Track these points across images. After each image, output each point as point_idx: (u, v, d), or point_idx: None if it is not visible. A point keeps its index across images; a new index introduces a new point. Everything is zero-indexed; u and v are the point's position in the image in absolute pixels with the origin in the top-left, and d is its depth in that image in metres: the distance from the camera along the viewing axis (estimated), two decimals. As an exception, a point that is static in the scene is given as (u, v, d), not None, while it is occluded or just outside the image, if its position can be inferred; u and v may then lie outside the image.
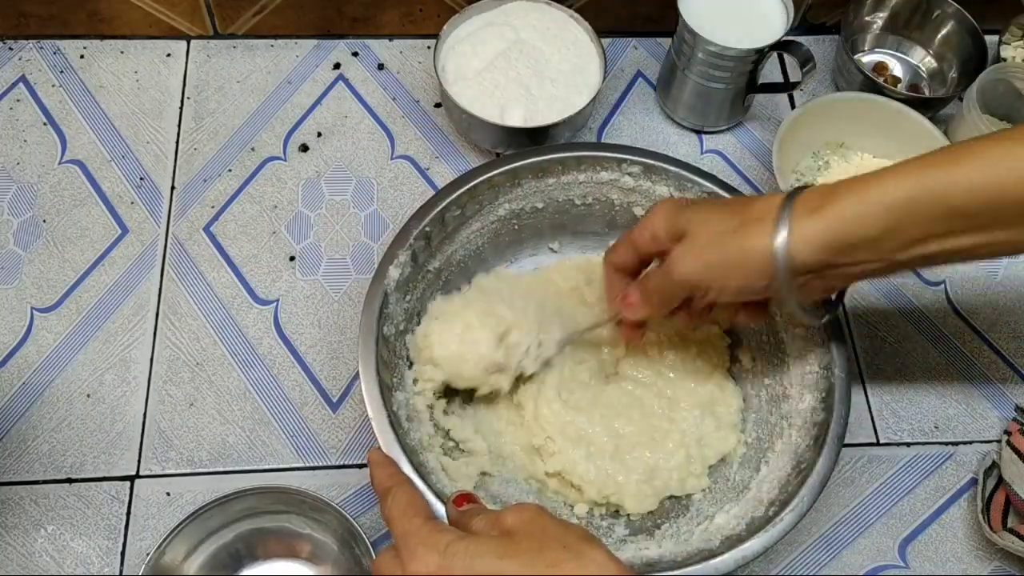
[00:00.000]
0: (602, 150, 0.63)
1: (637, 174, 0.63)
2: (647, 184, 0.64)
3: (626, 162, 0.63)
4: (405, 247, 0.59)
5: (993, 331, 0.69)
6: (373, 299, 0.57)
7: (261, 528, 0.56)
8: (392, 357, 0.58)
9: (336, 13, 0.76)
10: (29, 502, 0.58)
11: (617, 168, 0.63)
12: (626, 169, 0.63)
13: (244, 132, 0.73)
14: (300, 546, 0.56)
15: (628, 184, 0.64)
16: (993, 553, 0.60)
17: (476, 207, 0.63)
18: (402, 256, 0.58)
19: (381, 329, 0.56)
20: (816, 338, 0.57)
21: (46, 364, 0.63)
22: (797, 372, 0.59)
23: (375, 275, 0.58)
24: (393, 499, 0.44)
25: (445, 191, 0.61)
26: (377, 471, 0.48)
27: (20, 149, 0.71)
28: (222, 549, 0.56)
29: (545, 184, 0.64)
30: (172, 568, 0.54)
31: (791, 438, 0.57)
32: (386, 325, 0.57)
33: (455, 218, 0.62)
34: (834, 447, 0.54)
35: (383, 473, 0.48)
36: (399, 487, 0.45)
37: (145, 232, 0.68)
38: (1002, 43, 0.76)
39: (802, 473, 0.53)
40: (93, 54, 0.76)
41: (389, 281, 0.58)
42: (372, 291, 0.57)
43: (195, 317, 0.65)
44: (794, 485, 0.53)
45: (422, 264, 0.61)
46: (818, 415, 0.56)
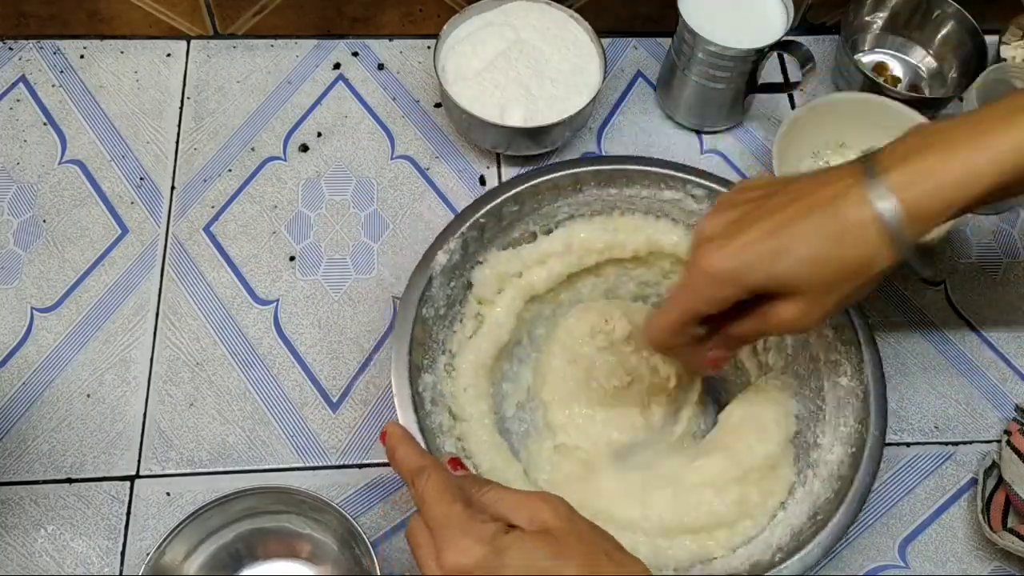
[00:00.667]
0: (669, 168, 0.62)
1: (701, 197, 0.62)
2: (709, 209, 0.62)
3: (691, 183, 0.62)
4: (457, 235, 0.59)
5: (993, 331, 0.69)
6: (417, 280, 0.57)
7: (261, 528, 0.56)
8: (427, 340, 0.58)
9: (336, 13, 0.76)
10: (29, 502, 0.58)
11: (681, 188, 0.62)
12: (690, 191, 0.62)
13: (244, 132, 0.73)
14: (300, 546, 0.56)
15: (690, 206, 0.63)
16: (993, 553, 0.60)
17: (535, 206, 0.62)
18: (453, 243, 0.59)
19: (421, 310, 0.57)
20: (856, 391, 0.57)
21: (46, 364, 0.63)
22: (832, 423, 0.58)
23: (423, 258, 0.58)
24: (428, 479, 0.43)
25: (506, 186, 0.61)
26: (403, 448, 0.46)
27: (20, 149, 0.71)
28: (222, 549, 0.55)
29: (607, 193, 0.63)
30: (172, 568, 0.54)
31: (813, 487, 0.56)
32: (426, 307, 0.57)
33: (512, 213, 0.62)
34: (855, 503, 0.52)
35: (411, 451, 0.46)
36: (432, 468, 0.44)
37: (145, 232, 0.68)
38: (1002, 43, 0.76)
39: (816, 524, 0.53)
40: (93, 54, 0.76)
41: (436, 265, 0.58)
42: (417, 273, 0.58)
43: (195, 317, 0.65)
44: (807, 535, 0.52)
45: (472, 254, 0.61)
46: (844, 469, 0.55)
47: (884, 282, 0.69)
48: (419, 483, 0.43)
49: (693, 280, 0.49)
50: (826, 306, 0.47)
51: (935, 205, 0.44)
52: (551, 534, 0.40)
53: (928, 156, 0.45)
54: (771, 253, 0.46)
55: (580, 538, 0.40)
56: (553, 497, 0.42)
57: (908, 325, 0.68)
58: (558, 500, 0.42)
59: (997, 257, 0.72)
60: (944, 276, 0.71)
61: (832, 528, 0.52)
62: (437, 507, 0.41)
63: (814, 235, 0.46)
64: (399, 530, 0.59)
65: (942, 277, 0.71)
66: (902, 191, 0.44)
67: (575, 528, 0.41)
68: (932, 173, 0.44)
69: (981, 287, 0.71)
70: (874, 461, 0.54)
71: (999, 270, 0.72)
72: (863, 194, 0.45)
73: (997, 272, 0.71)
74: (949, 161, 0.44)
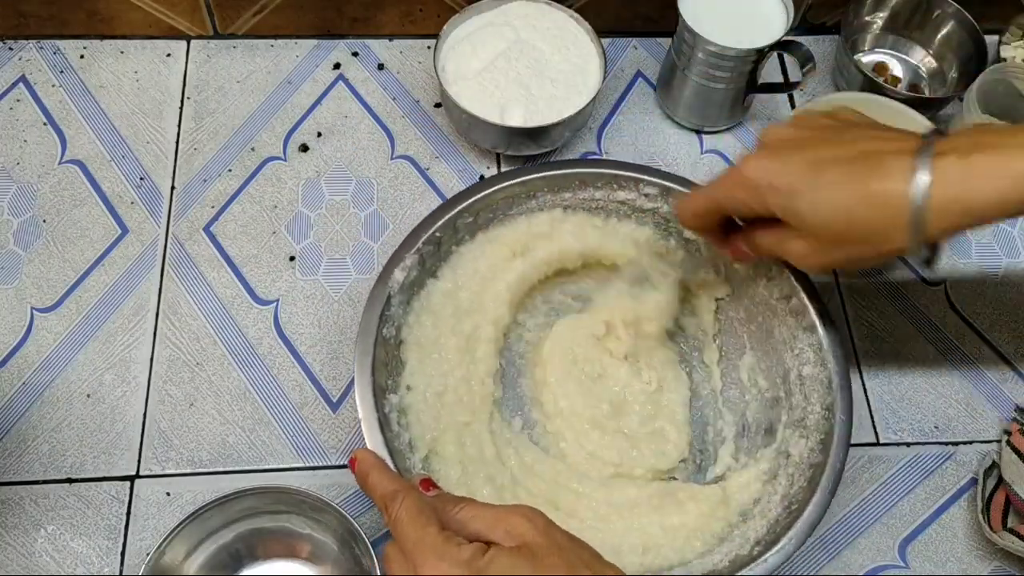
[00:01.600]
0: (621, 168, 0.63)
1: (654, 195, 0.62)
2: (665, 207, 0.63)
3: (643, 182, 0.62)
4: (413, 251, 0.59)
5: (993, 331, 0.69)
6: (375, 300, 0.57)
7: (261, 528, 0.56)
8: (390, 359, 0.58)
9: (336, 13, 0.76)
10: (29, 502, 0.58)
11: (635, 188, 0.63)
12: (643, 190, 0.63)
13: (244, 132, 0.73)
14: (300, 546, 0.56)
15: (645, 205, 0.63)
16: (993, 553, 0.60)
17: (489, 216, 0.62)
18: (409, 260, 0.58)
19: (381, 331, 0.56)
20: (820, 377, 0.57)
21: (46, 364, 0.63)
22: (799, 410, 0.58)
23: (380, 276, 0.58)
24: (402, 504, 0.43)
25: (458, 198, 0.61)
26: (375, 475, 0.46)
27: (20, 149, 0.71)
28: (222, 549, 0.55)
29: (561, 199, 0.63)
30: (172, 568, 0.54)
31: (785, 478, 0.56)
32: (386, 327, 0.57)
33: (467, 225, 0.62)
34: (828, 490, 0.53)
35: (383, 477, 0.46)
36: (405, 492, 0.44)
37: (145, 232, 0.68)
38: (1002, 43, 0.76)
39: (792, 514, 0.53)
40: (93, 54, 0.76)
41: (393, 283, 0.57)
42: (375, 292, 0.57)
43: (195, 317, 0.65)
44: (783, 526, 0.53)
45: (429, 269, 0.61)
46: (815, 457, 0.55)
47: (884, 282, 0.70)
48: (392, 508, 0.43)
49: (727, 176, 0.51)
50: (831, 257, 0.48)
51: (971, 208, 0.43)
52: (529, 549, 0.40)
53: (989, 156, 0.43)
54: (797, 186, 0.46)
55: (559, 551, 0.40)
56: (529, 510, 0.42)
57: (908, 325, 0.68)
58: (534, 513, 0.42)
59: (997, 257, 0.72)
60: (943, 276, 0.71)
61: (806, 518, 0.52)
62: (412, 531, 0.41)
63: (843, 185, 0.45)
64: (399, 530, 0.59)
65: (942, 277, 0.71)
66: (944, 181, 0.43)
67: (553, 541, 0.41)
68: (983, 176, 0.43)
69: (981, 287, 0.71)
70: (843, 447, 0.54)
71: (999, 270, 0.72)
72: (909, 165, 0.43)
73: (997, 272, 0.71)
74: (1003, 170, 0.42)
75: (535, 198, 0.63)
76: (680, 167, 0.73)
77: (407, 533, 0.42)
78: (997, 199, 0.42)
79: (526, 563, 0.39)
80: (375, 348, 0.55)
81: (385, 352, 0.57)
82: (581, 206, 0.64)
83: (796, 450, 0.57)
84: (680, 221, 0.56)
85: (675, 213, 0.55)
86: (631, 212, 0.64)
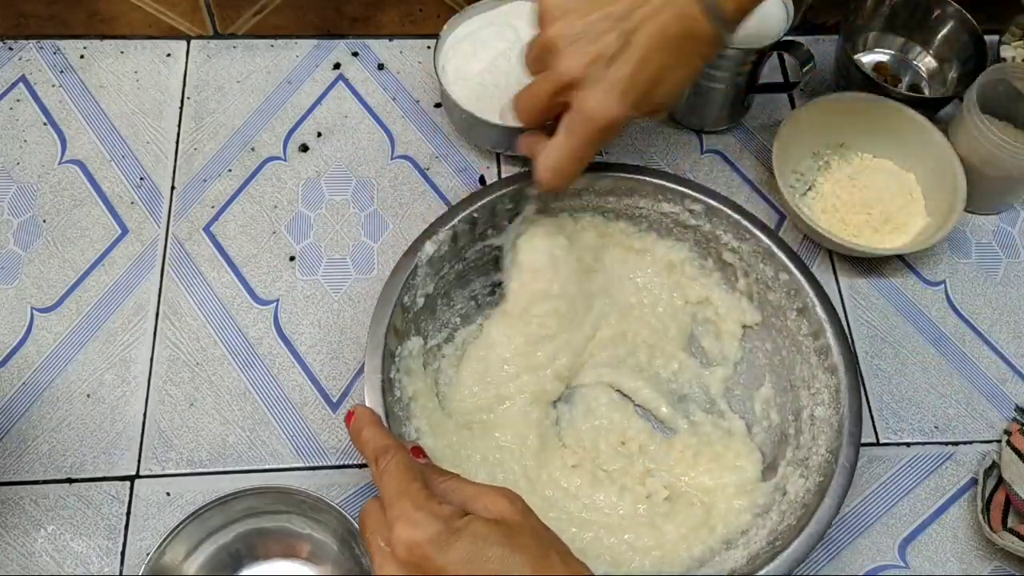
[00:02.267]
0: (670, 181, 0.63)
1: (699, 213, 0.63)
2: (707, 226, 0.63)
3: (689, 198, 0.62)
4: (448, 226, 0.59)
5: (993, 331, 0.69)
6: (402, 268, 0.58)
7: (261, 528, 0.56)
8: (405, 327, 0.58)
9: (336, 13, 0.76)
10: (29, 502, 0.58)
11: (680, 203, 0.63)
12: (688, 206, 0.63)
13: (244, 132, 0.73)
14: (300, 546, 0.56)
15: (689, 221, 0.63)
16: (993, 553, 0.60)
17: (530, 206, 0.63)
18: (442, 234, 0.59)
19: (402, 298, 0.57)
20: (831, 420, 0.57)
21: (46, 364, 0.63)
22: (804, 449, 0.58)
23: (410, 247, 0.59)
24: (393, 459, 0.44)
25: (503, 183, 0.61)
26: (369, 430, 0.47)
27: (20, 149, 0.71)
28: (222, 549, 0.56)
29: (605, 202, 0.64)
30: (172, 568, 0.54)
31: (776, 514, 0.56)
32: (407, 295, 0.57)
33: (507, 211, 0.62)
34: (815, 534, 0.52)
35: (377, 433, 0.47)
36: (397, 450, 0.45)
37: (145, 232, 0.68)
38: (1002, 43, 0.76)
39: (775, 550, 0.53)
40: (93, 54, 0.76)
41: (423, 255, 0.58)
42: (403, 261, 0.58)
43: (195, 317, 0.65)
44: (763, 560, 0.52)
45: (461, 248, 0.61)
46: (810, 497, 0.55)
47: (884, 282, 0.70)
48: (382, 461, 0.44)
49: (581, 126, 0.53)
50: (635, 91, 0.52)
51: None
52: (507, 524, 0.40)
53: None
54: (649, 91, 0.52)
55: (534, 534, 0.41)
56: (511, 492, 0.43)
57: (908, 325, 0.68)
58: (515, 496, 0.42)
59: (997, 257, 0.72)
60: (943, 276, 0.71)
61: (785, 558, 0.51)
62: (396, 484, 0.42)
63: (672, 55, 0.51)
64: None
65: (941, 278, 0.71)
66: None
67: (530, 523, 0.41)
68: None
69: (981, 287, 0.71)
70: (839, 493, 0.53)
71: (999, 270, 0.72)
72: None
73: (997, 272, 0.71)
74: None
75: (580, 197, 0.63)
76: (680, 167, 0.73)
77: (391, 485, 0.42)
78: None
79: (501, 535, 0.39)
80: (392, 312, 0.56)
81: (403, 320, 0.57)
82: (625, 212, 0.64)
83: (793, 488, 0.56)
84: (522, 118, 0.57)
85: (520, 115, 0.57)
86: (673, 226, 0.64)
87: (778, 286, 0.62)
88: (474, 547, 0.39)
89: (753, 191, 0.73)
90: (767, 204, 0.72)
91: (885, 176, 0.72)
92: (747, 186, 0.73)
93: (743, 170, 0.74)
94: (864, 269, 0.70)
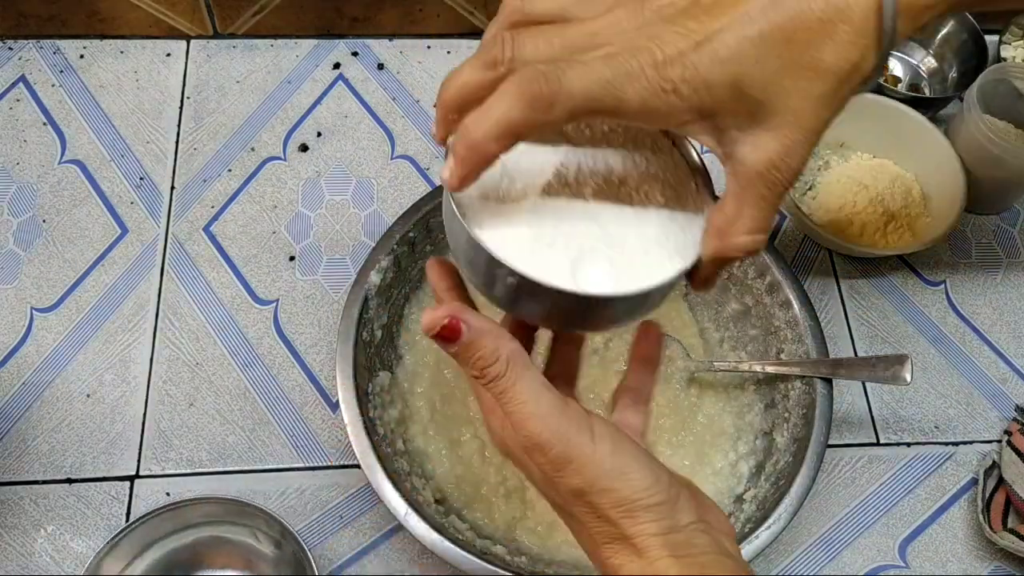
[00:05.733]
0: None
1: None
2: None
3: None
4: (388, 252, 0.59)
5: (993, 331, 0.69)
6: (353, 304, 0.57)
7: (205, 538, 0.55)
8: (370, 363, 0.58)
9: (336, 13, 0.76)
10: (29, 502, 0.58)
11: None
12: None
13: (244, 132, 0.73)
14: (239, 555, 0.56)
15: None
16: (993, 553, 0.60)
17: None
18: (384, 261, 0.59)
19: (360, 334, 0.56)
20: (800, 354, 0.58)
21: (46, 364, 0.63)
22: (783, 427, 0.59)
23: (355, 280, 0.58)
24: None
25: (431, 196, 0.61)
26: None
27: (20, 149, 0.71)
28: (165, 557, 0.55)
29: None
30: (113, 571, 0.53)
31: (760, 491, 0.57)
32: (365, 330, 0.57)
33: (440, 224, 0.62)
34: (793, 505, 0.53)
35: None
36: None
37: (145, 232, 0.68)
38: (1002, 43, 0.76)
39: (780, 491, 0.54)
40: (93, 54, 0.76)
41: (370, 286, 0.58)
42: (352, 296, 0.58)
43: (195, 317, 0.65)
44: (771, 503, 0.54)
45: (405, 269, 0.61)
46: (799, 431, 0.56)
47: (884, 282, 0.70)
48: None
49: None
50: (819, 123, 0.36)
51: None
52: None
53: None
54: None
55: None
56: None
57: (908, 325, 0.68)
58: None
59: (997, 257, 0.72)
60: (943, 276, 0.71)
61: (753, 543, 0.52)
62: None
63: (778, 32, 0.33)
64: (401, 529, 0.59)
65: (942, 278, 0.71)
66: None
67: None
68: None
69: (981, 287, 0.71)
70: (814, 461, 0.55)
71: (999, 270, 0.72)
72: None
73: (997, 272, 0.71)
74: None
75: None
76: (680, 167, 0.73)
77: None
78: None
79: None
80: (356, 351, 0.56)
81: (366, 356, 0.57)
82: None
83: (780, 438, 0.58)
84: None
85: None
86: None
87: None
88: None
89: (753, 191, 0.73)
90: (767, 204, 0.72)
91: (885, 176, 0.72)
92: (747, 186, 0.73)
93: (743, 170, 0.74)
94: (864, 269, 0.70)
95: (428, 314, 0.36)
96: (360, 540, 0.58)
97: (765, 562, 0.59)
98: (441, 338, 0.36)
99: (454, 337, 0.36)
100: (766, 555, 0.58)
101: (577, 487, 0.36)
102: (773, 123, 0.34)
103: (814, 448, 0.55)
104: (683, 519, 0.37)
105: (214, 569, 0.56)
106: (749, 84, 0.33)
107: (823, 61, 0.33)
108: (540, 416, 0.36)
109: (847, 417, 0.64)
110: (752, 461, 0.59)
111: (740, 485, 0.58)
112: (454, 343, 0.36)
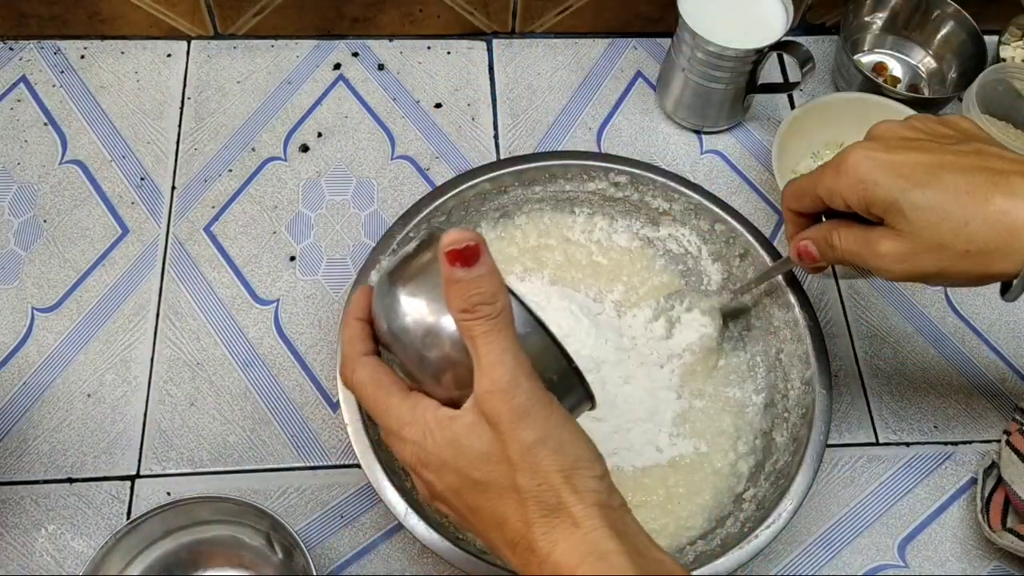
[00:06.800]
0: (589, 159, 0.64)
1: (624, 184, 0.64)
2: (635, 195, 0.64)
3: (613, 171, 0.64)
4: (388, 252, 0.59)
5: (993, 331, 0.69)
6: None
7: (202, 538, 0.55)
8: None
9: (336, 13, 0.76)
10: (29, 502, 0.58)
11: (604, 178, 0.64)
12: (613, 179, 0.64)
13: (244, 132, 0.73)
14: (239, 555, 0.56)
15: (615, 195, 0.64)
16: (993, 553, 0.60)
17: (462, 213, 0.63)
18: (384, 261, 0.59)
19: None
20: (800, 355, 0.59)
21: (46, 364, 0.63)
22: (784, 426, 0.59)
23: (356, 280, 0.59)
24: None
25: (430, 197, 0.62)
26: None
27: (20, 149, 0.71)
28: (163, 558, 0.55)
29: (532, 192, 0.64)
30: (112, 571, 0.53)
31: (761, 489, 0.57)
32: None
33: (441, 224, 0.62)
34: (793, 505, 0.54)
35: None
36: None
37: (145, 232, 0.68)
38: (1002, 43, 0.76)
39: (780, 489, 0.54)
40: (93, 54, 0.76)
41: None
42: (352, 294, 0.57)
43: (195, 317, 0.65)
44: (771, 502, 0.54)
45: None
46: (800, 430, 0.56)
47: (884, 282, 0.70)
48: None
49: (831, 162, 0.48)
50: (923, 264, 0.46)
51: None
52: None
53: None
54: (908, 183, 0.44)
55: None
56: None
57: (908, 325, 0.68)
58: None
59: (997, 257, 0.72)
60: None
61: (753, 542, 0.52)
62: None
63: (961, 194, 0.43)
64: (401, 529, 0.59)
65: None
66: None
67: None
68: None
69: (981, 287, 0.71)
70: (814, 460, 0.55)
71: (999, 270, 0.72)
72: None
73: (997, 272, 0.71)
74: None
75: (506, 193, 0.64)
76: (680, 167, 0.73)
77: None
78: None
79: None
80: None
81: None
82: (552, 198, 0.65)
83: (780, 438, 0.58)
84: (783, 202, 0.54)
85: (783, 194, 0.54)
86: (603, 202, 0.65)
87: (715, 237, 0.64)
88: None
89: (753, 191, 0.73)
90: (767, 204, 0.72)
91: (885, 176, 0.72)
92: (747, 186, 0.73)
93: (743, 170, 0.74)
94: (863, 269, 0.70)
95: (456, 232, 0.37)
96: (360, 540, 0.59)
97: (765, 562, 0.59)
98: (459, 257, 0.37)
99: (471, 261, 0.37)
100: (766, 555, 0.58)
101: (530, 441, 0.37)
102: None
103: (814, 448, 0.55)
104: (616, 500, 0.39)
105: (214, 569, 0.56)
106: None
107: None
108: (510, 367, 0.37)
109: (846, 417, 0.64)
110: (752, 460, 0.59)
111: (740, 484, 0.58)
112: (467, 267, 0.37)
